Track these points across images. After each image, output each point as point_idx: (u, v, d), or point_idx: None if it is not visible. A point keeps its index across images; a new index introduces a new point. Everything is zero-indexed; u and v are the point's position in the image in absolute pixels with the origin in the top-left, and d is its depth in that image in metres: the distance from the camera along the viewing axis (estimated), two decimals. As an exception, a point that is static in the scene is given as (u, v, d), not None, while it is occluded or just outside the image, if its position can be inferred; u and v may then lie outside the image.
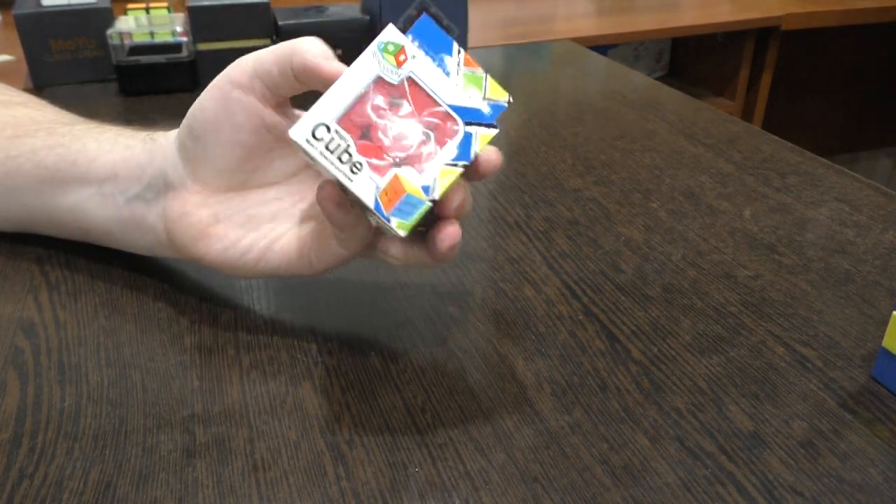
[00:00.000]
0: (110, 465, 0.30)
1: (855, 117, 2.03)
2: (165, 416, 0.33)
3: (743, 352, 0.36)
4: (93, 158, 0.39)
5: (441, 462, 0.30)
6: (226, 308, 0.40)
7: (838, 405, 0.33)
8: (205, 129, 0.35)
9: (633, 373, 0.35)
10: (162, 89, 0.74)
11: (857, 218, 0.48)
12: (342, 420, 0.32)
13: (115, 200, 0.39)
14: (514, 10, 1.39)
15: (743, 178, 0.54)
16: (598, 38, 1.24)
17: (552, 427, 0.32)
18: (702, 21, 1.33)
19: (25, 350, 0.37)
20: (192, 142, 0.35)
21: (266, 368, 0.36)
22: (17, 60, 1.05)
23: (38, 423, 0.32)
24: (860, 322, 0.38)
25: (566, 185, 0.54)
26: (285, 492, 0.29)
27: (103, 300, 0.41)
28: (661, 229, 0.47)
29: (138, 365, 0.36)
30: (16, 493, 0.29)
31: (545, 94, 0.74)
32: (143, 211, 0.38)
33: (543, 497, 0.29)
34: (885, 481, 0.29)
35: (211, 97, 0.35)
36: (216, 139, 0.35)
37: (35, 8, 0.75)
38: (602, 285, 0.42)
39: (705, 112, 0.68)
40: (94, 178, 0.39)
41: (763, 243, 0.46)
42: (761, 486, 0.29)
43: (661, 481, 0.29)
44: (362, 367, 0.36)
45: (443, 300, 0.40)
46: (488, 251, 0.45)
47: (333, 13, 0.78)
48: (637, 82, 0.77)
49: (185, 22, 0.75)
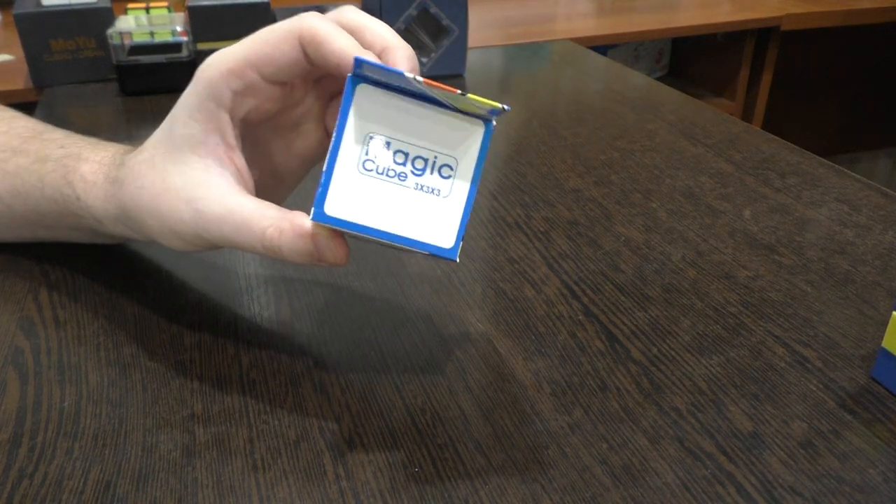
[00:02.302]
0: (110, 464, 0.30)
1: (855, 117, 2.03)
2: (165, 415, 0.33)
3: (743, 352, 0.36)
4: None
5: (441, 462, 0.30)
6: (226, 308, 0.40)
7: (838, 405, 0.33)
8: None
9: (632, 373, 0.35)
10: (162, 89, 0.74)
11: (857, 218, 0.48)
12: (342, 420, 0.32)
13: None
14: (514, 10, 1.39)
15: (743, 178, 0.54)
16: (598, 38, 1.24)
17: (552, 427, 0.32)
18: (702, 21, 1.33)
19: (25, 350, 0.37)
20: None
21: (266, 368, 0.36)
22: (17, 60, 1.05)
23: (38, 422, 0.32)
24: (860, 322, 0.38)
25: (566, 185, 0.54)
26: (285, 492, 0.29)
27: (103, 300, 0.41)
28: (661, 229, 0.47)
29: (138, 365, 0.36)
30: (16, 493, 0.29)
31: (545, 94, 0.74)
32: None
33: (543, 497, 0.29)
34: (884, 482, 0.29)
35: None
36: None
37: (35, 8, 0.75)
38: (602, 285, 0.42)
39: (705, 112, 0.68)
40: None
41: (763, 244, 0.46)
42: (761, 486, 0.29)
43: (660, 481, 0.29)
44: (362, 368, 0.36)
45: (443, 300, 0.40)
46: (488, 251, 0.45)
47: (333, 13, 0.78)
48: (637, 82, 0.77)
49: (185, 22, 0.75)
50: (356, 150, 0.28)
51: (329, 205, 0.28)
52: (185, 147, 0.33)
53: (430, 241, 0.29)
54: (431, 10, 0.76)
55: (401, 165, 0.28)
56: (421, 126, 0.28)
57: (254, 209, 0.32)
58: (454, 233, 0.29)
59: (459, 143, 0.28)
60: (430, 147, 0.28)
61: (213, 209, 0.32)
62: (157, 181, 0.34)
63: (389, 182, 0.28)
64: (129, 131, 0.65)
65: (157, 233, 0.35)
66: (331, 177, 0.28)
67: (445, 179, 0.29)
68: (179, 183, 0.33)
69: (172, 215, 0.33)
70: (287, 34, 0.31)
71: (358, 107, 0.28)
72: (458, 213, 0.29)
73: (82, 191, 0.38)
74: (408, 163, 0.28)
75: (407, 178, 0.28)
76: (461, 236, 0.29)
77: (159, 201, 0.33)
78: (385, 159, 0.28)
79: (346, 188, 0.28)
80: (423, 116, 0.28)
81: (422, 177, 0.28)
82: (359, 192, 0.28)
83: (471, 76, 0.80)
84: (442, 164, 0.28)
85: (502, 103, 0.27)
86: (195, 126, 0.33)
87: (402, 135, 0.28)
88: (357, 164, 0.28)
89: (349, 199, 0.28)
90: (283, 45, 0.31)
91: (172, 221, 0.33)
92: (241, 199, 0.32)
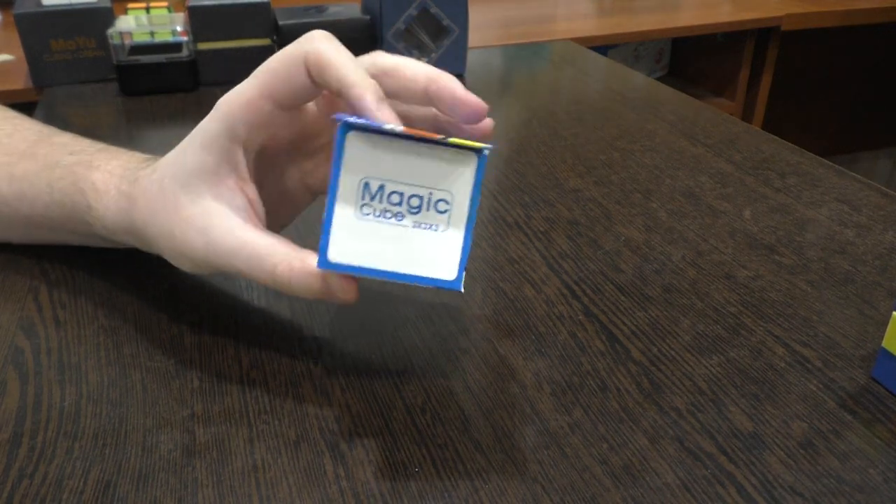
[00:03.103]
0: (110, 464, 0.30)
1: (855, 117, 2.03)
2: (165, 415, 0.33)
3: (743, 352, 0.36)
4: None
5: (441, 462, 0.30)
6: (226, 308, 0.40)
7: (838, 406, 0.33)
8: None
9: (632, 373, 0.35)
10: (162, 89, 0.74)
11: (857, 218, 0.48)
12: (342, 420, 0.32)
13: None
14: (514, 10, 1.39)
15: (743, 178, 0.54)
16: (598, 38, 1.24)
17: (552, 427, 0.32)
18: (702, 21, 1.33)
19: (25, 350, 0.37)
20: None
21: (266, 368, 0.36)
22: (18, 60, 1.05)
23: (38, 422, 0.32)
24: (860, 322, 0.38)
25: (566, 185, 0.54)
26: (285, 492, 0.29)
27: (103, 300, 0.41)
28: (661, 229, 0.47)
29: (138, 365, 0.36)
30: (16, 493, 0.29)
31: (545, 94, 0.74)
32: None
33: (543, 497, 0.29)
34: (884, 482, 0.29)
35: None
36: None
37: (35, 8, 0.75)
38: (602, 285, 0.42)
39: (705, 112, 0.68)
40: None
41: (763, 244, 0.46)
42: (761, 486, 0.29)
43: (660, 481, 0.29)
44: (362, 368, 0.36)
45: (443, 300, 0.40)
46: (488, 251, 0.45)
47: (333, 13, 0.78)
48: (637, 82, 0.77)
49: (185, 22, 0.75)
50: (352, 196, 0.29)
51: (332, 251, 0.29)
52: (198, 176, 0.33)
53: (433, 275, 0.29)
54: (431, 10, 0.76)
55: (397, 206, 0.29)
56: (414, 165, 0.29)
57: (266, 244, 0.32)
58: (455, 265, 0.29)
59: (453, 177, 0.29)
60: (424, 184, 0.29)
61: (225, 241, 0.33)
62: (170, 207, 0.34)
63: (388, 223, 0.29)
64: (129, 131, 0.65)
65: (167, 254, 0.35)
66: (330, 224, 0.29)
67: (442, 214, 0.29)
68: (192, 212, 0.33)
69: (185, 243, 0.34)
70: (294, 58, 0.31)
71: (350, 154, 0.29)
72: (458, 246, 0.29)
73: (94, 200, 0.38)
74: (404, 203, 0.29)
75: (404, 218, 0.29)
76: (463, 266, 0.29)
77: (172, 228, 0.34)
78: (381, 202, 0.29)
79: (346, 234, 0.29)
80: (415, 154, 0.29)
81: (418, 214, 0.29)
82: (359, 236, 0.29)
83: (471, 76, 0.80)
84: (438, 199, 0.29)
85: (487, 143, 0.28)
86: (209, 158, 0.33)
87: (396, 176, 0.29)
88: (355, 210, 0.29)
89: (350, 243, 0.29)
90: (292, 69, 0.31)
91: (184, 248, 0.34)
92: (252, 234, 0.33)
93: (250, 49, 0.76)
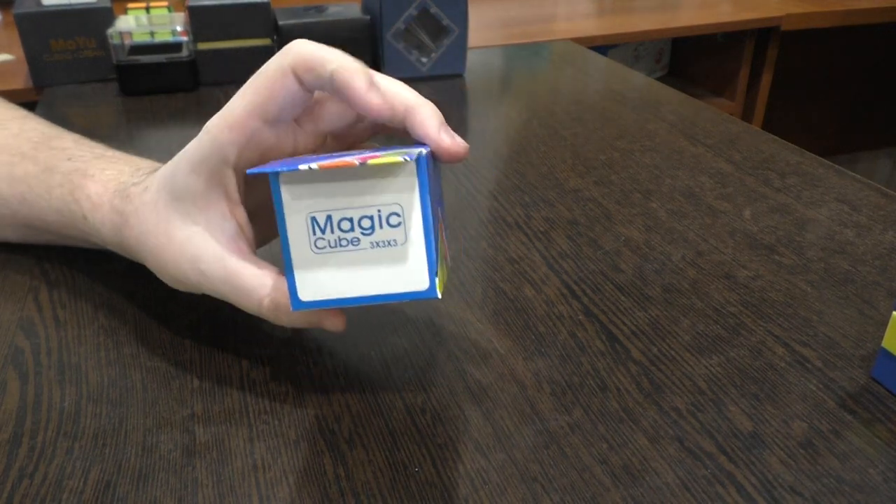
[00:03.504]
0: (110, 464, 0.30)
1: (855, 117, 2.03)
2: (165, 415, 0.33)
3: (743, 352, 0.36)
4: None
5: (441, 462, 0.30)
6: (226, 308, 0.40)
7: (838, 405, 0.33)
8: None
9: (632, 373, 0.35)
10: (162, 89, 0.74)
11: (856, 218, 0.49)
12: (342, 420, 0.32)
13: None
14: (514, 10, 1.39)
15: (743, 178, 0.54)
16: (598, 38, 1.24)
17: (552, 427, 0.32)
18: (702, 21, 1.33)
19: (25, 350, 0.37)
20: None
21: (266, 368, 0.36)
22: (17, 60, 1.05)
23: (38, 422, 0.32)
24: (860, 322, 0.38)
25: (566, 185, 0.54)
26: (285, 492, 0.29)
27: (103, 300, 0.41)
28: (661, 229, 0.47)
29: (138, 365, 0.36)
30: (16, 493, 0.29)
31: (545, 94, 0.74)
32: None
33: (543, 497, 0.29)
34: (884, 482, 0.29)
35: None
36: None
37: (35, 8, 0.75)
38: (602, 285, 0.42)
39: (705, 112, 0.68)
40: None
41: (763, 243, 0.46)
42: (761, 486, 0.29)
43: (660, 481, 0.29)
44: (362, 367, 0.36)
45: (443, 301, 0.40)
46: (488, 251, 0.45)
47: (333, 13, 0.78)
48: (637, 82, 0.77)
49: (185, 21, 0.75)
50: (303, 235, 0.29)
51: (301, 293, 0.29)
52: (187, 198, 0.33)
53: (406, 289, 0.29)
54: (431, 10, 0.76)
55: (350, 232, 0.29)
56: (354, 188, 0.28)
57: (253, 277, 0.32)
58: (425, 274, 0.29)
59: (396, 188, 0.28)
60: (370, 204, 0.29)
61: (214, 271, 0.33)
62: (161, 231, 0.34)
63: (345, 251, 0.29)
64: (129, 131, 0.65)
65: (158, 274, 0.36)
66: (291, 268, 0.29)
67: (396, 228, 0.29)
68: (182, 237, 0.33)
69: (176, 268, 0.34)
70: (277, 71, 0.31)
71: (288, 197, 0.28)
72: (422, 254, 0.29)
73: (89, 211, 0.38)
74: (355, 227, 0.29)
75: (360, 241, 0.29)
76: (434, 273, 0.29)
77: (163, 251, 0.34)
78: (333, 232, 0.29)
79: (309, 272, 0.29)
80: (352, 177, 0.28)
81: (373, 234, 0.29)
82: (322, 272, 0.29)
83: (471, 76, 0.80)
84: (388, 213, 0.29)
85: (407, 156, 0.27)
86: (199, 181, 0.33)
87: (340, 203, 0.29)
88: (310, 247, 0.29)
89: (316, 280, 0.29)
90: (276, 83, 0.31)
91: (174, 272, 0.34)
92: (240, 265, 0.33)
93: (250, 49, 0.76)
